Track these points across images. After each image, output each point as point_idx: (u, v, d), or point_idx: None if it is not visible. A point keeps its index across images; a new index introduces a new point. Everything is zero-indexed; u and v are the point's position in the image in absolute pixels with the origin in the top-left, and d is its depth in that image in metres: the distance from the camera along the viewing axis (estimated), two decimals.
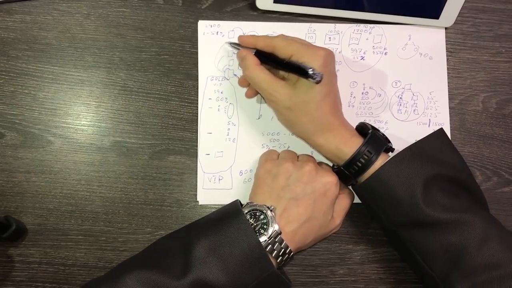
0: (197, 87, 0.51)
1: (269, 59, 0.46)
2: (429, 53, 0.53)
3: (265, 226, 0.41)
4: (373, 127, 0.45)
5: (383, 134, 0.45)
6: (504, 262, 0.38)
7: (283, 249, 0.41)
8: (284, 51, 0.44)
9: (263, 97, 0.49)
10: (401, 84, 0.53)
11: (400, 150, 0.44)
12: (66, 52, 0.51)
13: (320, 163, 0.48)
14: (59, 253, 0.49)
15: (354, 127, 0.46)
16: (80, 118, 0.51)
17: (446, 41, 0.53)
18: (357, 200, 0.50)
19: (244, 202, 0.45)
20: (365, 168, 0.42)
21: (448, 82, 0.53)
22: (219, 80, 0.51)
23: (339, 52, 0.52)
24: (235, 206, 0.43)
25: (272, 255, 0.41)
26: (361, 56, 0.53)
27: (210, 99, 0.51)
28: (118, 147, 0.50)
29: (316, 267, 0.51)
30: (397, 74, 0.53)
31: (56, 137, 0.50)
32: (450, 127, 0.53)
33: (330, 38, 0.52)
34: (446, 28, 0.53)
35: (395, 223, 0.43)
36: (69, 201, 0.50)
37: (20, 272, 0.49)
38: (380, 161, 0.42)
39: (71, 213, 0.50)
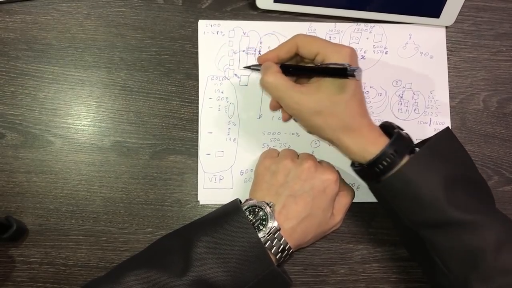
0: (198, 86, 0.51)
1: (296, 69, 0.45)
2: (430, 52, 0.53)
3: (264, 223, 0.41)
4: (398, 127, 0.44)
5: (407, 134, 0.44)
6: None
7: (282, 246, 0.41)
8: (308, 48, 0.43)
9: (283, 108, 0.47)
10: (401, 83, 0.53)
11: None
12: (66, 52, 0.51)
13: (320, 161, 0.47)
14: (60, 253, 0.49)
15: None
16: (80, 118, 0.51)
17: (446, 40, 0.53)
18: (358, 199, 0.50)
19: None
20: (390, 168, 0.41)
21: (449, 81, 0.53)
22: (219, 80, 0.51)
23: None
24: (235, 204, 0.43)
25: (271, 251, 0.41)
26: (362, 55, 0.53)
27: (210, 98, 0.51)
28: (118, 147, 0.50)
29: (317, 266, 0.51)
30: (398, 73, 0.53)
31: (56, 137, 0.50)
32: (451, 126, 0.53)
33: (330, 37, 0.52)
34: (446, 27, 0.53)
35: (416, 223, 0.42)
36: (69, 201, 0.50)
37: (21, 273, 0.49)
38: (404, 160, 0.41)
39: (71, 213, 0.50)
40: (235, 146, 0.51)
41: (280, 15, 0.52)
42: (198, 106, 0.51)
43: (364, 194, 0.50)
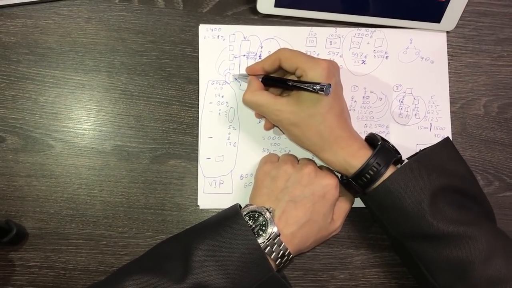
0: (198, 91, 0.51)
1: (276, 81, 0.46)
2: (431, 57, 0.53)
3: (263, 228, 0.41)
4: (382, 138, 0.45)
5: (393, 146, 0.44)
6: (509, 278, 0.38)
7: (282, 251, 0.41)
8: (289, 62, 0.44)
9: (266, 118, 0.48)
10: (402, 88, 0.53)
11: (404, 156, 0.44)
12: (67, 56, 0.51)
13: (321, 167, 0.47)
14: (60, 257, 0.49)
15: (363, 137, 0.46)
16: (81, 122, 0.51)
17: (447, 45, 0.53)
18: (358, 204, 0.50)
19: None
20: (374, 180, 0.42)
21: (450, 86, 0.53)
22: (220, 84, 0.51)
23: (340, 56, 0.52)
24: (234, 209, 0.43)
25: (271, 257, 0.41)
26: (362, 60, 0.52)
27: (210, 103, 0.51)
28: (119, 151, 0.50)
29: (317, 271, 0.51)
30: (398, 78, 0.53)
31: (57, 141, 0.50)
32: (452, 131, 0.52)
33: (331, 42, 0.52)
34: (447, 32, 0.53)
35: (401, 234, 0.43)
36: (70, 205, 0.50)
37: (21, 276, 0.49)
38: (389, 172, 0.42)
39: (71, 217, 0.50)
40: (235, 151, 0.51)
41: (281, 20, 0.52)
42: (198, 111, 0.51)
43: None
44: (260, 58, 0.51)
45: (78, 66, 0.51)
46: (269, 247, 0.41)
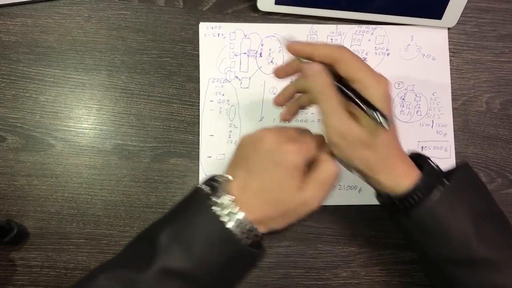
0: (199, 89, 0.51)
1: (343, 92, 0.40)
2: (432, 54, 0.53)
3: (219, 195, 0.39)
4: (427, 157, 0.42)
5: (437, 165, 0.42)
6: None
7: (240, 218, 0.39)
8: (349, 68, 0.39)
9: (325, 125, 0.40)
10: (403, 85, 0.52)
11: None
12: (67, 55, 0.51)
13: (285, 130, 0.43)
14: (61, 256, 0.49)
15: None
16: (81, 121, 0.50)
17: (449, 41, 0.53)
18: (359, 202, 0.50)
19: None
20: (420, 202, 0.39)
21: (451, 83, 0.53)
22: (220, 82, 0.51)
23: None
24: (194, 188, 0.41)
25: (230, 227, 0.38)
26: (363, 57, 0.52)
27: (211, 101, 0.51)
28: (119, 150, 0.50)
29: (319, 270, 0.51)
30: (400, 75, 0.52)
31: (57, 140, 0.50)
32: (454, 128, 0.52)
33: (332, 39, 0.52)
34: (449, 29, 0.53)
35: (443, 259, 0.41)
36: (70, 205, 0.50)
37: (22, 276, 0.49)
38: (434, 195, 0.39)
39: (72, 217, 0.50)
40: None
41: (281, 17, 0.52)
42: (199, 109, 0.51)
43: (366, 198, 0.50)
44: (260, 56, 0.51)
45: (78, 65, 0.51)
46: (228, 218, 0.38)
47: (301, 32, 0.52)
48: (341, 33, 0.52)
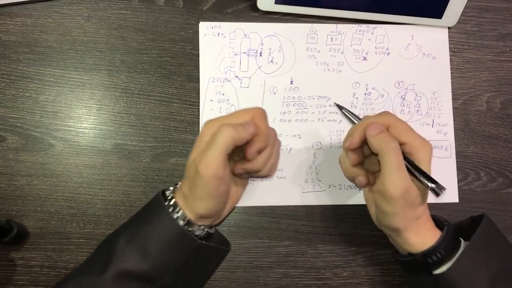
0: (199, 89, 0.51)
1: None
2: (432, 53, 0.53)
3: (170, 198, 0.42)
4: (445, 220, 0.44)
5: (454, 227, 0.43)
6: None
7: (184, 216, 0.40)
8: (399, 132, 0.41)
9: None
10: (404, 85, 0.52)
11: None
12: (67, 55, 0.51)
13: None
14: (61, 256, 0.49)
15: None
16: (81, 121, 0.50)
17: (449, 40, 0.53)
18: (359, 202, 0.50)
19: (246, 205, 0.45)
20: (441, 262, 0.41)
21: (452, 82, 0.53)
22: (220, 82, 0.51)
23: (341, 53, 0.52)
24: (156, 194, 0.43)
25: (181, 223, 0.40)
26: (364, 57, 0.52)
27: (211, 101, 0.51)
28: (119, 150, 0.50)
29: (320, 269, 0.50)
30: (400, 75, 0.52)
31: (57, 140, 0.50)
32: (454, 127, 0.52)
33: (332, 38, 0.52)
34: (449, 28, 0.53)
35: None
36: (70, 204, 0.50)
37: (22, 276, 0.49)
38: (452, 257, 0.41)
39: (72, 217, 0.50)
40: None
41: (281, 17, 0.52)
42: (199, 109, 0.51)
43: None
44: (261, 55, 0.51)
45: (78, 64, 0.51)
46: (177, 215, 0.40)
47: (301, 32, 0.52)
48: (341, 32, 0.52)
